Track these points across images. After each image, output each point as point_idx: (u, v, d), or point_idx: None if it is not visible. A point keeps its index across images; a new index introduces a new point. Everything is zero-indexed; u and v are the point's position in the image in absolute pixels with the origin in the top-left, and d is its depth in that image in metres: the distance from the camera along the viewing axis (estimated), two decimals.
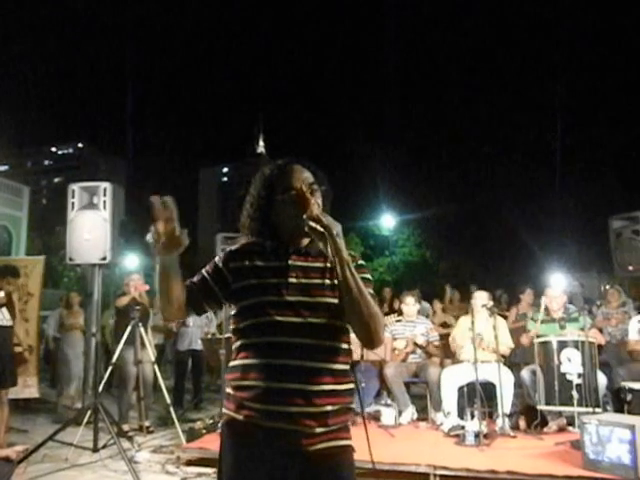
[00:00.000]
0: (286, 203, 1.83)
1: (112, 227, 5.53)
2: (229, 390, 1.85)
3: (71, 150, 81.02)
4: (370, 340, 1.78)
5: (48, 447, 5.18)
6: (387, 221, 31.28)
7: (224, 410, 1.87)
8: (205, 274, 1.91)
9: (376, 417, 6.13)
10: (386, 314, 6.49)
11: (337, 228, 1.72)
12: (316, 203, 1.81)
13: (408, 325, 6.58)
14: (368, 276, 1.88)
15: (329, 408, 1.75)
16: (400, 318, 6.62)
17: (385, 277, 30.13)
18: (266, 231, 1.87)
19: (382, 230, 32.49)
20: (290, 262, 1.83)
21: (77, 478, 4.69)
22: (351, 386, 1.84)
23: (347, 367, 1.83)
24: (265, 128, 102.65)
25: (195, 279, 1.92)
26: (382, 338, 1.79)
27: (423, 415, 6.30)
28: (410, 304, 6.71)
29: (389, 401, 6.34)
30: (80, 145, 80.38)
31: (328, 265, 1.81)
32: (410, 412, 6.17)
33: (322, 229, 1.70)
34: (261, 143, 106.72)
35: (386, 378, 6.20)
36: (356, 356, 5.72)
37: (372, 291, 1.84)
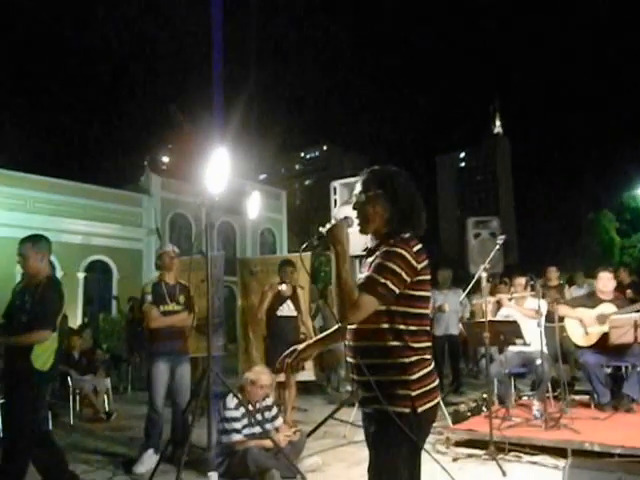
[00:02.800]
0: None
1: None
2: None
3: (317, 153, 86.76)
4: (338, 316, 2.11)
5: (327, 425, 5.71)
6: None
7: None
8: None
9: None
10: None
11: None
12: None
13: None
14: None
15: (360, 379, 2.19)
16: None
17: None
18: None
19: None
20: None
21: (355, 454, 4.91)
22: (384, 361, 2.12)
23: (383, 344, 2.12)
24: (502, 106, 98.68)
25: None
26: (346, 317, 2.08)
27: None
28: None
29: None
30: (324, 147, 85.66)
31: (370, 260, 2.21)
32: None
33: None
34: (497, 123, 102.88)
35: None
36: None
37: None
